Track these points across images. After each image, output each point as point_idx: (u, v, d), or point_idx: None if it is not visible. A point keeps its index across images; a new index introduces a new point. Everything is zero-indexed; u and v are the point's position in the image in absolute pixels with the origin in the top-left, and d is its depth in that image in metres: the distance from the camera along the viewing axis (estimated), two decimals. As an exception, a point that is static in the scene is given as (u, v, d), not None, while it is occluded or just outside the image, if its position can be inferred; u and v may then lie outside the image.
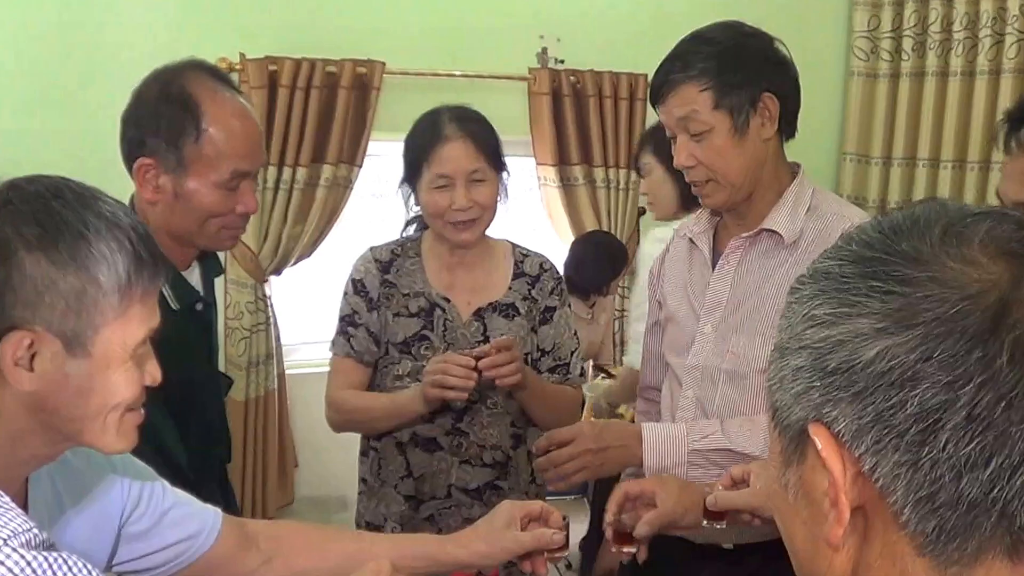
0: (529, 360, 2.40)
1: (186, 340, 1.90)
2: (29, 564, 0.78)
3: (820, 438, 0.73)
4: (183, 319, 1.91)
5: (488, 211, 2.31)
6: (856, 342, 0.70)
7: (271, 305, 4.66)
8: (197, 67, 1.93)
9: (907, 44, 5.40)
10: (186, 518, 1.53)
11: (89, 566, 0.87)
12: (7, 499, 0.83)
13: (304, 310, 5.00)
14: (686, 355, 2.06)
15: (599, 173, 5.04)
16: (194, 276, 2.05)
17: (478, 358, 2.16)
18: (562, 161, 4.97)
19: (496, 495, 2.40)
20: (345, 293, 2.41)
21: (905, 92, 5.43)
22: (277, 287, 4.73)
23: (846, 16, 5.58)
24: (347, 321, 2.39)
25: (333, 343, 2.42)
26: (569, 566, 4.58)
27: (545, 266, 2.45)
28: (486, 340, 2.32)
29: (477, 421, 2.39)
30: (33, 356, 1.15)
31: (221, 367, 4.44)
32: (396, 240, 2.47)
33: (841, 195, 5.64)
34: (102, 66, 4.03)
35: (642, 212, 4.92)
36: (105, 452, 1.26)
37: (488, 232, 2.39)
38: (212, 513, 1.58)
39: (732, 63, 1.89)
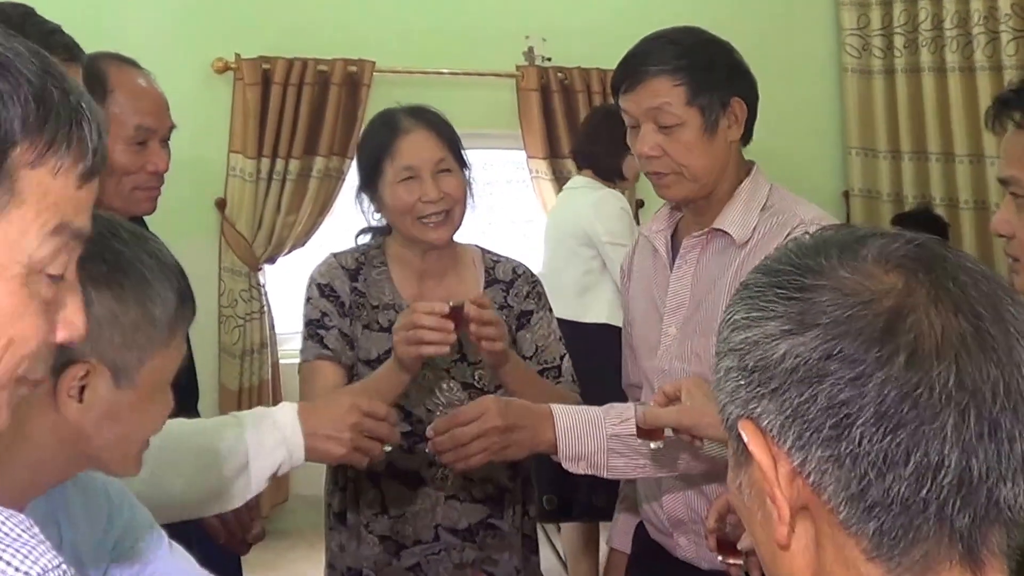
0: None
1: None
2: None
3: (747, 432, 0.77)
4: None
5: (459, 204, 2.10)
6: (767, 343, 0.75)
7: (265, 293, 4.78)
8: (106, 53, 2.11)
9: (898, 41, 5.41)
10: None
11: None
12: (36, 530, 0.80)
13: (299, 300, 5.05)
14: (653, 358, 1.99)
15: (592, 165, 5.10)
16: None
17: (453, 308, 1.92)
18: (553, 154, 5.03)
19: (491, 534, 2.14)
20: (309, 298, 2.15)
21: (903, 87, 5.44)
22: (272, 276, 4.84)
23: (833, 15, 5.61)
24: (316, 324, 2.12)
25: (302, 351, 2.14)
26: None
27: (518, 270, 2.23)
28: (462, 358, 2.11)
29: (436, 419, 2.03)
30: (83, 388, 1.16)
31: (212, 354, 4.59)
32: (358, 247, 2.23)
33: (851, 188, 5.70)
34: (100, 66, 4.13)
35: (641, 204, 5.00)
36: (120, 476, 1.27)
37: (456, 238, 2.19)
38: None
39: (705, 63, 1.88)
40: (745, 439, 0.77)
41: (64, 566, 0.77)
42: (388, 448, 1.80)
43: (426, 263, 2.17)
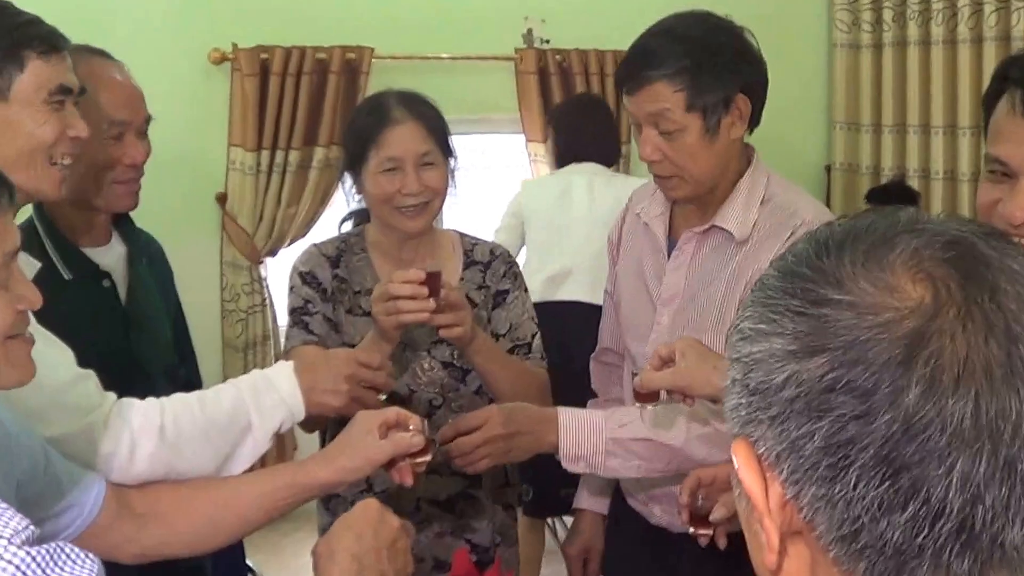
0: None
1: (83, 314, 1.94)
2: (34, 559, 0.82)
3: (739, 457, 0.71)
4: (79, 291, 2.00)
5: (439, 197, 2.14)
6: (771, 363, 0.68)
7: (267, 286, 4.76)
8: (76, 46, 2.03)
9: (887, 15, 5.45)
10: (74, 482, 1.44)
11: (83, 552, 0.89)
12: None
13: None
14: (644, 343, 2.01)
15: (589, 148, 5.10)
16: (111, 254, 2.13)
17: (429, 274, 1.95)
18: (552, 137, 5.04)
19: (468, 505, 2.23)
20: (292, 287, 2.19)
21: (889, 61, 5.49)
22: (273, 268, 4.81)
23: (826, -10, 5.62)
24: (300, 311, 2.16)
25: (287, 338, 2.17)
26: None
27: (496, 251, 2.28)
28: (442, 340, 2.15)
29: (441, 427, 2.11)
30: None
31: (216, 349, 4.57)
32: (339, 236, 2.29)
33: (834, 162, 5.76)
34: (95, 57, 4.09)
35: (632, 185, 4.99)
36: (10, 385, 1.23)
37: (444, 222, 2.20)
38: (96, 477, 1.50)
39: (707, 63, 1.81)
40: (736, 464, 0.71)
41: (32, 527, 0.83)
42: (383, 397, 1.86)
43: (404, 250, 2.20)
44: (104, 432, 1.56)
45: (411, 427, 1.66)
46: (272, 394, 1.73)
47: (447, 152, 2.16)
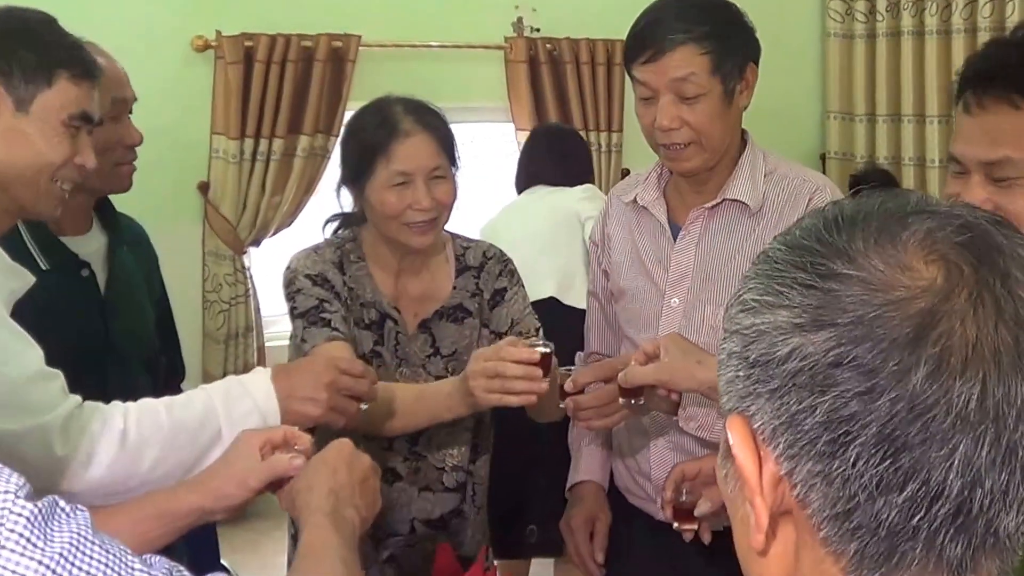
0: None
1: (60, 305, 1.92)
2: (40, 511, 0.84)
3: (734, 432, 0.70)
4: (58, 282, 1.96)
5: (447, 211, 2.08)
6: (774, 335, 0.67)
7: (250, 277, 4.69)
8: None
9: (881, 5, 5.47)
10: None
11: (72, 504, 0.89)
12: None
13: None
14: (653, 330, 1.97)
15: (580, 136, 5.07)
16: (91, 243, 2.10)
17: (543, 355, 1.84)
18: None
19: (459, 521, 2.17)
20: (300, 290, 2.05)
21: (883, 51, 5.50)
22: (257, 258, 4.76)
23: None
24: (316, 310, 2.04)
25: (305, 340, 2.01)
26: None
27: (488, 253, 2.22)
28: (436, 352, 2.12)
29: (435, 442, 2.13)
30: None
31: (196, 340, 4.49)
32: (331, 241, 2.17)
33: (828, 152, 5.80)
34: (77, 43, 4.02)
35: (626, 173, 4.95)
36: None
37: None
38: None
39: (727, 29, 1.87)
40: (731, 440, 0.70)
41: (28, 484, 0.86)
42: (364, 407, 1.76)
43: (403, 262, 2.14)
44: (60, 435, 1.49)
45: (296, 447, 1.50)
46: (245, 402, 1.65)
47: (454, 163, 2.09)
